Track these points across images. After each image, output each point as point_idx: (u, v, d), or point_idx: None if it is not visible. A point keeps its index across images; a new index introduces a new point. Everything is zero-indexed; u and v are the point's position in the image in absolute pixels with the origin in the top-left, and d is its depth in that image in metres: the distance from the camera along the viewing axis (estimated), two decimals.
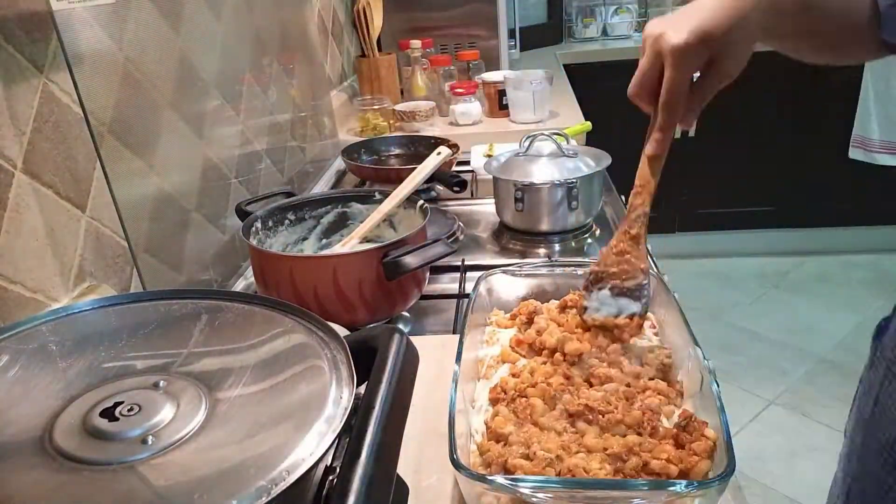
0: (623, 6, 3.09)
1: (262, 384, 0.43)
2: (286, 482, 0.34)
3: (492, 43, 2.23)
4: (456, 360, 0.64)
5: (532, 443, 0.57)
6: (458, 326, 0.85)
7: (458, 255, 1.08)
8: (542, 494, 0.50)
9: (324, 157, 1.62)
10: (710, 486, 0.49)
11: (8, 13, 0.64)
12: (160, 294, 0.54)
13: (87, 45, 0.74)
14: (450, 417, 0.55)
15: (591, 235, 1.18)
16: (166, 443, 0.37)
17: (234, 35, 1.12)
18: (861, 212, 2.92)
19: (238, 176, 1.12)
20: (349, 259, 0.87)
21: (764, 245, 3.05)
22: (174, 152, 0.91)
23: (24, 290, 0.65)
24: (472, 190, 1.44)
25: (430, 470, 0.63)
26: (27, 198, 0.65)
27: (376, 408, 0.42)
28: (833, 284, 2.84)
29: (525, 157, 1.17)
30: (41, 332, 0.48)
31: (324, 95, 1.68)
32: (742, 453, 1.97)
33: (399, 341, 0.47)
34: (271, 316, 0.50)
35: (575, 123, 1.67)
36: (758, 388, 2.26)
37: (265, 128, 1.25)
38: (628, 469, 0.54)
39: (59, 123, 0.70)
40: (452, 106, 1.84)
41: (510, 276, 0.82)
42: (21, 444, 0.37)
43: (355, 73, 2.15)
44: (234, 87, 1.12)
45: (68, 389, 0.42)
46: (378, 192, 1.02)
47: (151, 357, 0.46)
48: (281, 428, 0.39)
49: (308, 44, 1.56)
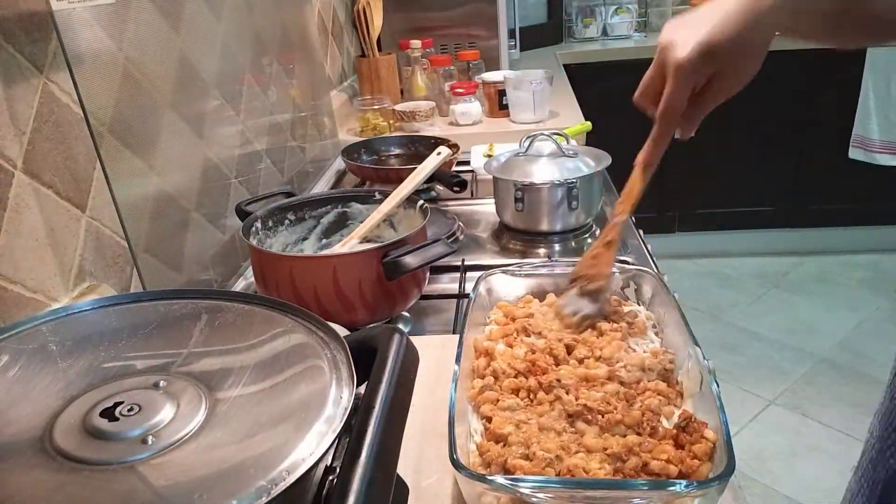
0: (623, 6, 3.09)
1: (262, 384, 0.43)
2: (286, 482, 0.34)
3: (492, 43, 2.23)
4: (456, 360, 0.64)
5: (532, 443, 0.57)
6: (458, 326, 0.85)
7: (458, 255, 1.08)
8: (541, 494, 0.50)
9: (324, 157, 1.62)
10: (710, 487, 0.49)
11: (8, 13, 0.64)
12: (160, 294, 0.54)
13: (87, 45, 0.74)
14: (450, 417, 0.56)
15: (591, 235, 1.18)
16: (166, 443, 0.37)
17: (234, 35, 1.12)
18: (861, 212, 2.92)
19: (238, 176, 1.12)
20: (349, 259, 0.87)
21: (764, 245, 3.05)
22: (174, 152, 0.91)
23: (24, 290, 0.65)
24: (472, 190, 1.44)
25: (430, 470, 0.63)
26: (27, 198, 0.65)
27: (376, 408, 0.42)
28: (833, 284, 2.84)
29: (525, 157, 1.17)
30: (41, 332, 0.48)
31: (324, 95, 1.68)
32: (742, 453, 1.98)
33: (399, 341, 0.47)
34: (271, 316, 0.50)
35: (575, 123, 1.66)
36: (758, 388, 2.26)
37: (265, 128, 1.25)
38: (628, 469, 0.54)
39: (59, 123, 0.70)
40: (452, 106, 1.84)
41: (510, 276, 0.82)
42: (21, 444, 0.37)
43: (355, 73, 2.15)
44: (234, 87, 1.12)
45: (68, 389, 0.42)
46: (378, 192, 1.02)
47: (151, 357, 0.46)
48: (281, 428, 0.39)
49: (308, 44, 1.56)
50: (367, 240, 0.98)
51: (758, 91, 1.29)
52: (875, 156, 2.64)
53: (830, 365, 2.36)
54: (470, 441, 0.60)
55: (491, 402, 0.63)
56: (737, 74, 0.63)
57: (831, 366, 2.35)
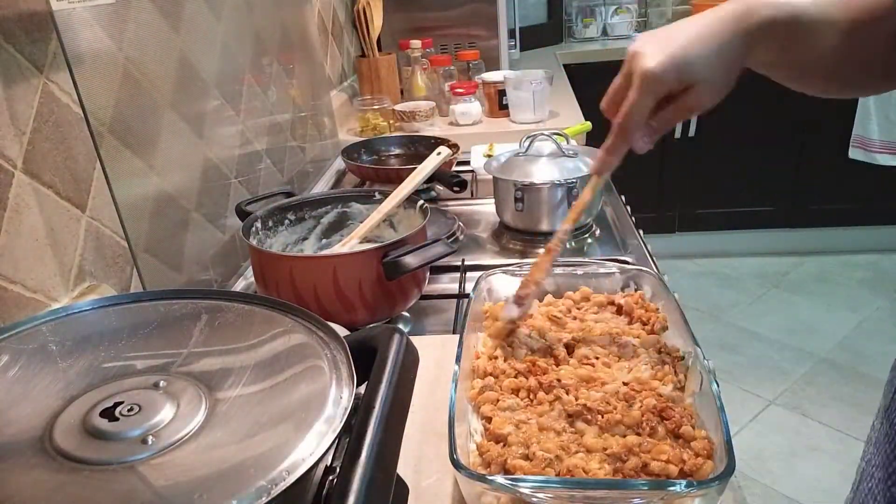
0: (623, 6, 3.09)
1: (262, 384, 0.43)
2: (286, 482, 0.34)
3: (492, 43, 2.23)
4: (456, 360, 0.64)
5: (532, 443, 0.57)
6: (458, 326, 0.85)
7: (458, 255, 1.08)
8: (542, 494, 0.50)
9: (324, 157, 1.62)
10: (710, 486, 0.49)
11: (8, 13, 0.64)
12: (160, 294, 0.54)
13: (87, 45, 0.74)
14: (450, 417, 0.56)
15: (591, 235, 1.18)
16: (166, 443, 0.37)
17: (234, 35, 1.12)
18: (861, 212, 2.92)
19: (238, 176, 1.12)
20: (349, 259, 0.87)
21: (764, 245, 3.05)
22: (174, 152, 0.91)
23: (24, 290, 0.65)
24: (472, 190, 1.44)
25: (430, 470, 0.63)
26: (27, 198, 0.65)
27: (376, 408, 0.42)
28: (833, 284, 2.84)
29: (525, 157, 1.17)
30: (41, 332, 0.48)
31: (324, 95, 1.68)
32: (742, 453, 1.98)
33: (399, 341, 0.47)
34: (271, 316, 0.50)
35: (575, 123, 1.66)
36: (758, 388, 2.26)
37: (265, 128, 1.25)
38: (628, 469, 0.54)
39: (59, 123, 0.70)
40: (452, 106, 1.84)
41: (510, 276, 0.82)
42: (21, 444, 0.37)
43: (355, 73, 2.15)
44: (234, 87, 1.12)
45: (68, 389, 0.42)
46: (378, 192, 1.02)
47: (151, 357, 0.46)
48: (281, 428, 0.39)
49: (308, 44, 1.56)
50: (367, 240, 0.98)
51: (758, 91, 1.29)
52: (875, 156, 2.64)
53: (830, 365, 2.36)
54: (470, 441, 0.60)
55: (491, 402, 0.63)
56: (705, 92, 0.60)
57: (831, 366, 2.35)
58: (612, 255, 1.07)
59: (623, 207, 1.27)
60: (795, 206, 2.95)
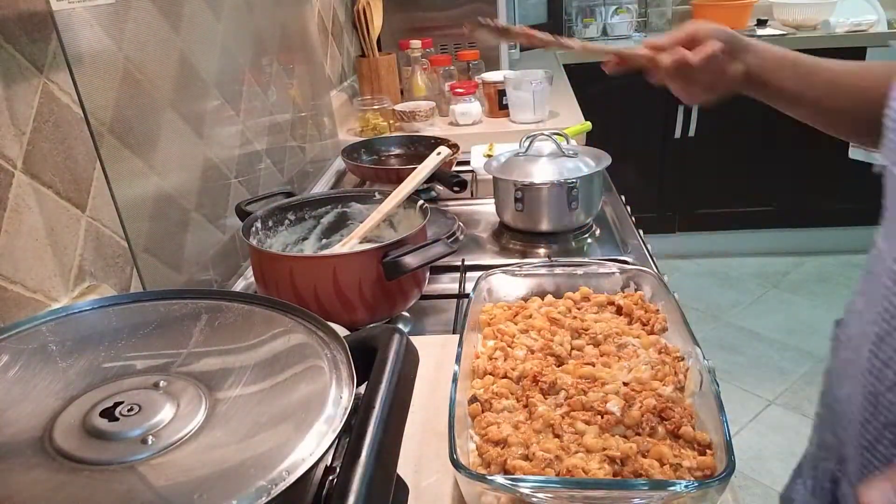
0: (623, 6, 3.09)
1: (262, 384, 0.43)
2: (286, 482, 0.34)
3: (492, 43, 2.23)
4: (456, 360, 0.64)
5: (531, 443, 0.57)
6: (458, 326, 0.85)
7: (458, 255, 1.08)
8: (541, 494, 0.50)
9: (324, 157, 1.62)
10: (710, 486, 0.49)
11: (8, 13, 0.64)
12: (160, 294, 0.54)
13: (87, 45, 0.74)
14: (450, 417, 0.56)
15: (591, 235, 1.18)
16: (166, 443, 0.37)
17: (234, 35, 1.12)
18: (861, 212, 2.92)
19: (238, 176, 1.12)
20: (349, 259, 0.87)
21: (764, 245, 3.05)
22: (174, 152, 0.91)
23: (24, 290, 0.65)
24: (472, 190, 1.44)
25: (430, 470, 0.63)
26: (27, 198, 0.65)
27: (376, 408, 0.42)
28: (833, 284, 2.84)
29: (525, 157, 1.17)
30: (41, 332, 0.48)
31: (324, 95, 1.68)
32: (742, 453, 1.98)
33: (399, 341, 0.47)
34: (271, 316, 0.50)
35: (575, 123, 1.67)
36: (758, 388, 2.26)
37: (265, 128, 1.25)
38: (627, 470, 0.54)
39: (59, 123, 0.70)
40: (452, 106, 1.84)
41: (510, 276, 0.82)
42: (21, 444, 0.37)
43: (355, 73, 2.15)
44: (234, 87, 1.12)
45: (68, 389, 0.42)
46: (378, 192, 1.02)
47: (151, 357, 0.46)
48: (281, 428, 0.39)
49: (308, 44, 1.56)
50: (367, 240, 0.98)
51: None
52: (875, 156, 2.64)
53: None
54: (470, 441, 0.60)
55: (486, 423, 0.61)
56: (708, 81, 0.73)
57: None
58: (612, 255, 1.07)
59: (623, 207, 1.27)
60: (795, 206, 2.95)
